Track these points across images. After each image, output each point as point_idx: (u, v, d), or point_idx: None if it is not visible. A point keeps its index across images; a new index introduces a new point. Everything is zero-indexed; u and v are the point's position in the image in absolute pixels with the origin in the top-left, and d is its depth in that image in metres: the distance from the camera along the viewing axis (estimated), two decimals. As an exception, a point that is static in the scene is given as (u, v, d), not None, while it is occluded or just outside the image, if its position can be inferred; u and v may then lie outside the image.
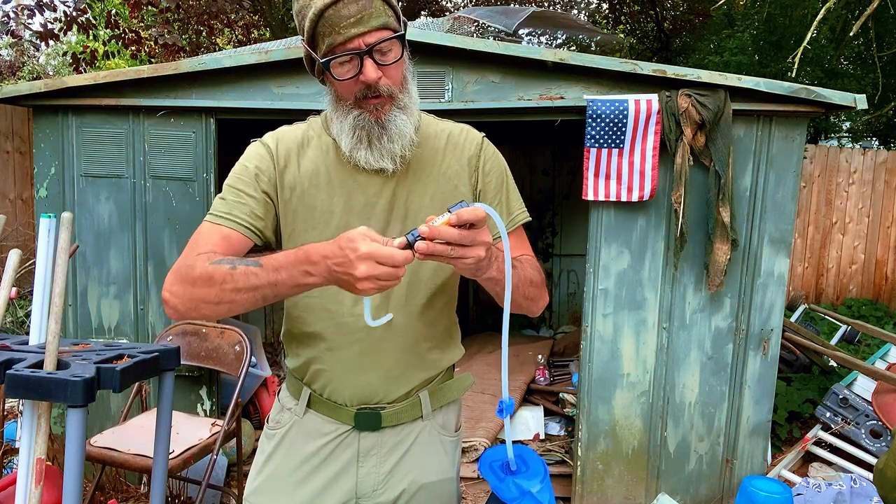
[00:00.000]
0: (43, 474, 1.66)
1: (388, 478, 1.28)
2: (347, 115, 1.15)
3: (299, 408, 1.30)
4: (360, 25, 1.06)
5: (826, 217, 6.55)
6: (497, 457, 1.24)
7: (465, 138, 1.29)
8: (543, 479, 1.20)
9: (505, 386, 1.11)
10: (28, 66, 10.92)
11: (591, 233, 2.85)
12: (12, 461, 2.77)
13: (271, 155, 1.21)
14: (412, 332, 1.25)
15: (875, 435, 3.17)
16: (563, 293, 5.87)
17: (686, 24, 9.62)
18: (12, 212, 5.21)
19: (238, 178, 1.20)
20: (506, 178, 1.31)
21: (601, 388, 2.92)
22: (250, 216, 1.18)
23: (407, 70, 1.18)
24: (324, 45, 1.09)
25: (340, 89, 1.15)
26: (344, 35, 1.06)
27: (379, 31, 1.08)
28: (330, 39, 1.07)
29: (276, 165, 1.21)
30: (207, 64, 2.76)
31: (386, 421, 1.27)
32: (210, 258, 1.08)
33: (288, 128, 1.28)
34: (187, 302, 1.07)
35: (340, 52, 1.08)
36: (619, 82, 2.73)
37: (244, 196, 1.19)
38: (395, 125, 1.15)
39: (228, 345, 2.69)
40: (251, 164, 1.21)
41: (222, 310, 1.06)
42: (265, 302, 1.05)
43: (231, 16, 8.47)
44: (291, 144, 1.23)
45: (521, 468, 1.23)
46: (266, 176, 1.20)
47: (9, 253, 2.07)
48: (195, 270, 1.06)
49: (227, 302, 1.04)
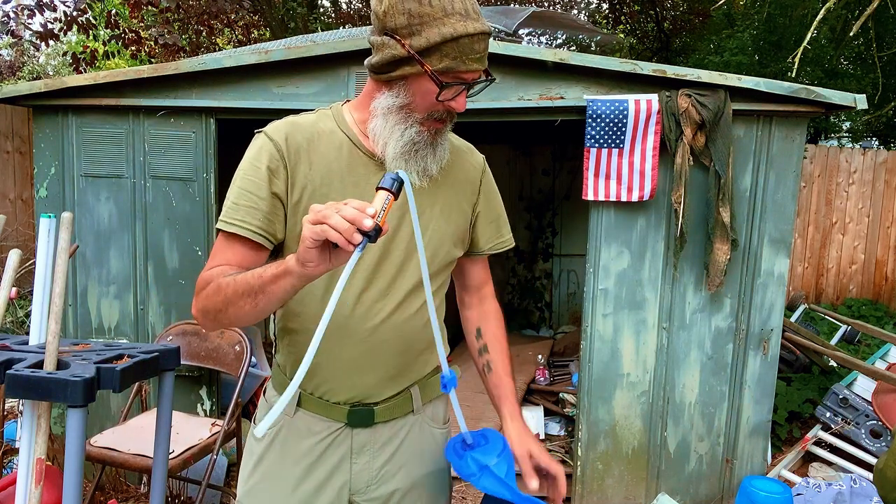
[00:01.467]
0: (43, 474, 1.66)
1: (381, 473, 1.29)
2: (408, 127, 1.15)
3: (289, 407, 1.28)
4: (481, 63, 1.12)
5: (826, 217, 6.55)
6: (458, 438, 1.26)
7: (471, 157, 1.35)
8: (502, 452, 1.20)
9: (442, 357, 1.15)
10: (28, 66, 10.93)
11: (591, 233, 2.85)
12: (12, 461, 2.77)
13: (281, 153, 1.16)
14: (411, 334, 1.25)
15: (875, 435, 3.17)
16: (563, 293, 5.87)
17: (686, 24, 9.62)
18: (12, 212, 5.22)
19: (249, 181, 1.15)
20: (500, 204, 1.41)
21: (601, 388, 2.93)
22: (263, 222, 1.15)
23: None
24: (442, 64, 1.09)
25: (420, 102, 1.13)
26: (468, 67, 1.11)
27: (483, 71, 1.15)
28: (453, 64, 1.09)
29: (287, 164, 1.16)
30: (207, 64, 2.76)
31: (379, 417, 1.27)
32: (224, 271, 1.10)
33: (297, 118, 1.22)
34: (205, 313, 1.12)
35: (457, 81, 1.12)
36: (619, 82, 2.73)
37: (256, 199, 1.14)
38: (442, 148, 1.20)
39: (228, 345, 2.69)
40: (262, 164, 1.15)
41: (232, 319, 1.09)
42: (265, 308, 1.05)
43: (231, 16, 8.47)
44: (301, 140, 1.18)
45: (479, 443, 1.24)
46: (277, 176, 1.15)
47: (9, 253, 2.07)
48: (208, 285, 1.10)
49: (233, 309, 1.06)
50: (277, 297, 1.02)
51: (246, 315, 1.06)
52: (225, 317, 1.08)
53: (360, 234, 0.89)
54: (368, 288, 1.21)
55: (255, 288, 1.02)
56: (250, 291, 1.02)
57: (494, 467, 1.16)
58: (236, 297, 1.04)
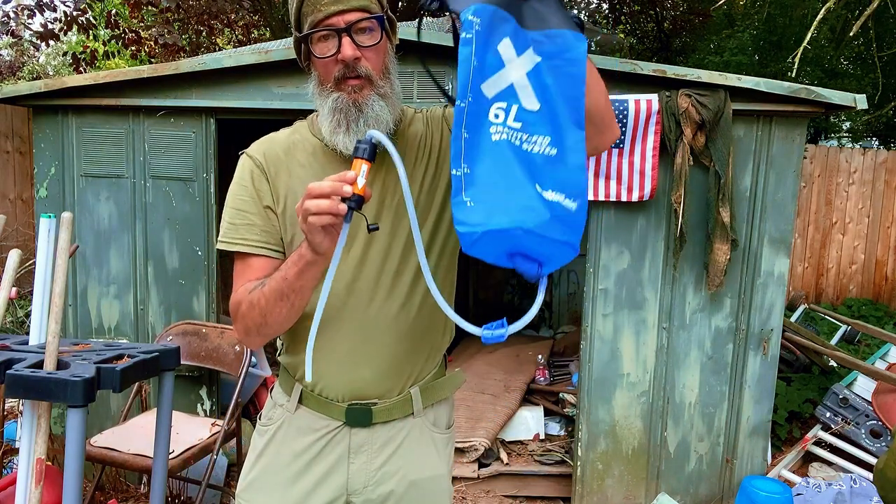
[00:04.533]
0: (43, 474, 1.66)
1: (378, 474, 1.29)
2: (327, 99, 1.15)
3: (291, 404, 1.30)
4: (339, 3, 1.09)
5: (826, 217, 6.54)
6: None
7: (432, 111, 1.31)
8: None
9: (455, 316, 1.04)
10: (28, 66, 10.92)
11: (591, 233, 2.85)
12: (12, 461, 2.77)
13: (261, 168, 1.22)
14: (404, 324, 1.24)
15: (875, 435, 3.17)
16: (563, 293, 5.87)
17: (686, 24, 9.61)
18: (12, 212, 5.21)
19: (240, 199, 1.22)
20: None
21: (601, 388, 2.93)
22: (262, 236, 1.21)
23: (391, 62, 1.20)
24: (306, 24, 1.12)
25: (321, 70, 1.16)
26: (324, 12, 1.09)
27: (359, 11, 1.11)
28: (312, 17, 1.11)
29: (269, 177, 1.22)
30: (207, 64, 2.76)
31: (377, 417, 1.27)
32: (248, 289, 1.15)
33: (274, 135, 1.29)
34: (248, 331, 1.16)
35: (320, 28, 1.10)
36: (619, 82, 2.72)
37: (249, 215, 1.21)
38: (372, 109, 1.14)
39: (228, 345, 2.69)
40: (247, 182, 1.22)
41: (274, 327, 1.14)
42: (300, 304, 1.11)
43: (231, 16, 8.46)
44: (279, 152, 1.24)
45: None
46: (263, 190, 1.22)
47: (9, 253, 2.07)
48: (241, 306, 1.15)
49: (272, 317, 1.11)
50: (308, 288, 1.09)
51: (286, 318, 1.12)
52: (267, 328, 1.14)
53: (344, 204, 0.94)
54: (358, 279, 1.21)
55: (284, 290, 1.08)
56: (281, 295, 1.08)
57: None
58: (271, 306, 1.10)
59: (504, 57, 0.94)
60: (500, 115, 0.94)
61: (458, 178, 0.93)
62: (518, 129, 0.94)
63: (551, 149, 0.94)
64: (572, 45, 0.95)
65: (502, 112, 0.94)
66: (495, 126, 0.94)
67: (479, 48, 0.92)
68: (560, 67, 0.95)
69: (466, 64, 0.92)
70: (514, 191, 0.92)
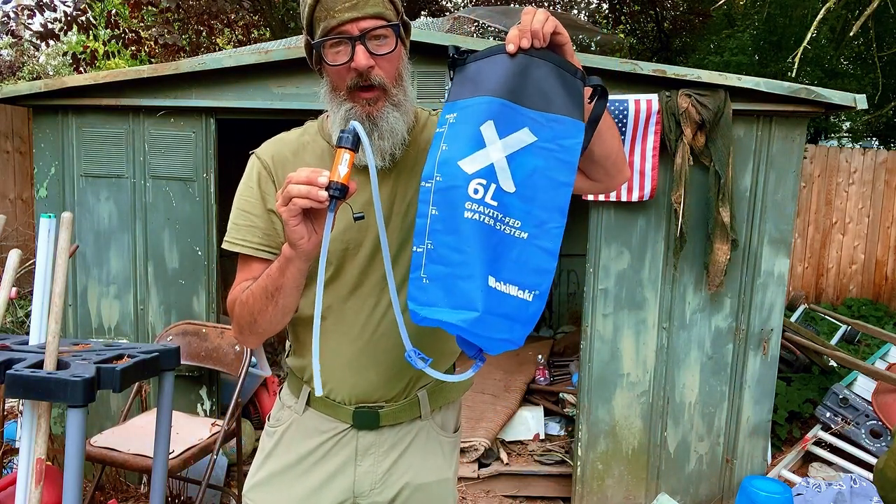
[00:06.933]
0: (43, 474, 1.66)
1: (385, 477, 1.28)
2: (340, 108, 1.14)
3: (299, 405, 1.30)
4: (354, 10, 1.06)
5: (826, 217, 6.54)
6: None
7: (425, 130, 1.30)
8: None
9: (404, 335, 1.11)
10: (28, 66, 10.92)
11: (591, 233, 2.85)
12: (12, 461, 2.77)
13: (268, 170, 1.22)
14: (410, 327, 1.24)
15: (875, 435, 3.17)
16: (563, 293, 5.86)
17: (686, 24, 9.61)
18: (12, 212, 5.21)
19: (245, 201, 1.22)
20: None
21: (601, 388, 2.93)
22: (263, 238, 1.21)
23: (404, 68, 1.17)
24: (319, 29, 1.10)
25: (333, 77, 1.14)
26: (338, 19, 1.07)
27: (374, 18, 1.08)
28: (325, 23, 1.08)
29: (275, 179, 1.21)
30: (207, 64, 2.76)
31: (384, 420, 1.27)
32: (243, 288, 1.17)
33: (284, 135, 1.28)
34: (242, 330, 1.17)
35: (333, 36, 1.08)
36: (619, 82, 2.72)
37: (253, 217, 1.21)
38: (386, 122, 1.12)
39: (228, 345, 2.69)
40: (254, 184, 1.22)
41: (264, 326, 1.13)
42: (286, 303, 1.10)
43: (231, 16, 8.46)
44: (288, 153, 1.23)
45: None
46: (268, 194, 1.21)
47: (9, 253, 2.07)
48: (235, 305, 1.17)
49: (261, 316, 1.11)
50: (291, 286, 1.07)
51: (274, 317, 1.12)
52: (258, 326, 1.13)
53: (325, 192, 0.94)
54: (363, 283, 1.21)
55: (269, 289, 1.08)
56: (266, 293, 1.09)
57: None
58: (259, 304, 1.10)
59: (486, 137, 0.97)
60: (480, 190, 0.96)
61: (420, 254, 0.97)
62: (495, 206, 0.96)
63: (522, 232, 0.97)
64: (571, 133, 0.98)
65: (482, 188, 0.96)
66: (472, 203, 0.95)
67: (460, 127, 0.98)
68: (553, 152, 0.98)
69: (435, 150, 0.98)
70: (465, 280, 0.95)
